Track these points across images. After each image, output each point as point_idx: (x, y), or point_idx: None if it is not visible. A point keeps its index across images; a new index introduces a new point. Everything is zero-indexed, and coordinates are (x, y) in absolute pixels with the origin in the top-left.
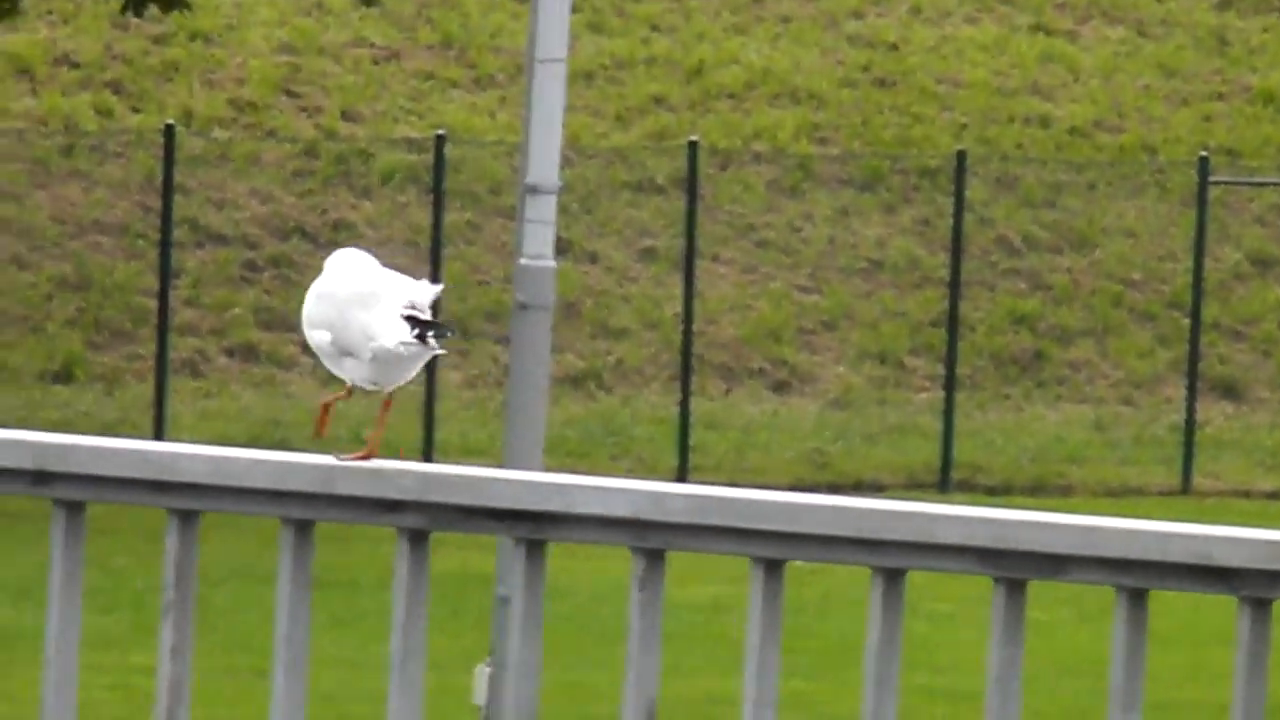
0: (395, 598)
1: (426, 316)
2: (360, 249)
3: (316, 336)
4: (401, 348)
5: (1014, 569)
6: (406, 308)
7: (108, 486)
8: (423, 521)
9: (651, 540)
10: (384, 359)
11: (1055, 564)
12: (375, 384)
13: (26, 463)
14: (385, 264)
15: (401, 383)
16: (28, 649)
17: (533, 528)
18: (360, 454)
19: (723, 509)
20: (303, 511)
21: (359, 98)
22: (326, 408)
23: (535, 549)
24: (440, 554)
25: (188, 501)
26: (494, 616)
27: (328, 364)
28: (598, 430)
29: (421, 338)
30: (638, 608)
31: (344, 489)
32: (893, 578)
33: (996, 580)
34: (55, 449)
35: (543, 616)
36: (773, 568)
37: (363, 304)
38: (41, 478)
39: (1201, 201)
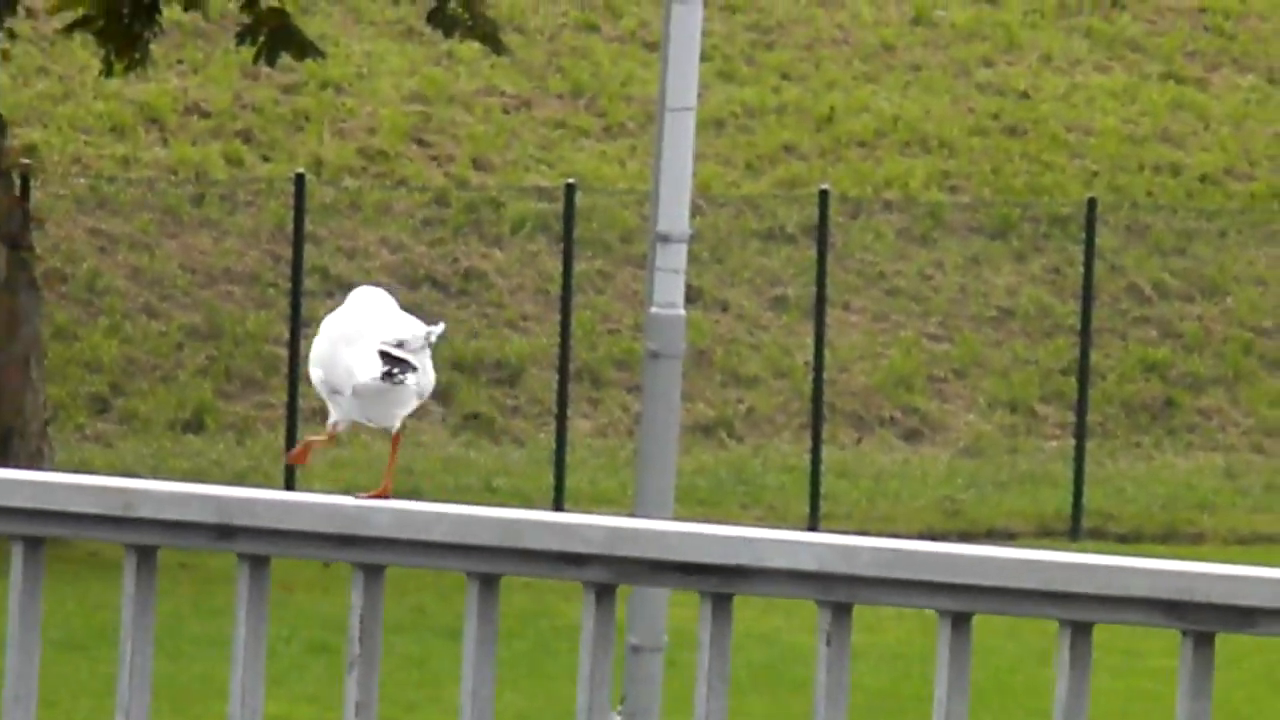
0: (582, 652)
1: (401, 353)
2: (377, 287)
3: (313, 374)
4: (371, 383)
5: (1202, 621)
6: (387, 344)
7: (292, 541)
8: (609, 575)
9: (838, 594)
10: (362, 395)
11: (1244, 617)
12: (369, 420)
13: (210, 517)
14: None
15: (393, 421)
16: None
17: (720, 582)
18: (376, 493)
19: (911, 562)
20: (488, 565)
21: (489, 146)
22: (308, 446)
23: (722, 603)
24: (573, 603)
25: (373, 555)
26: (625, 665)
27: (326, 401)
28: (728, 479)
29: (389, 375)
30: (825, 661)
31: (530, 543)
32: (1080, 631)
33: (1184, 633)
34: (239, 503)
35: (729, 670)
36: (960, 621)
37: (348, 341)
38: (225, 532)
39: None
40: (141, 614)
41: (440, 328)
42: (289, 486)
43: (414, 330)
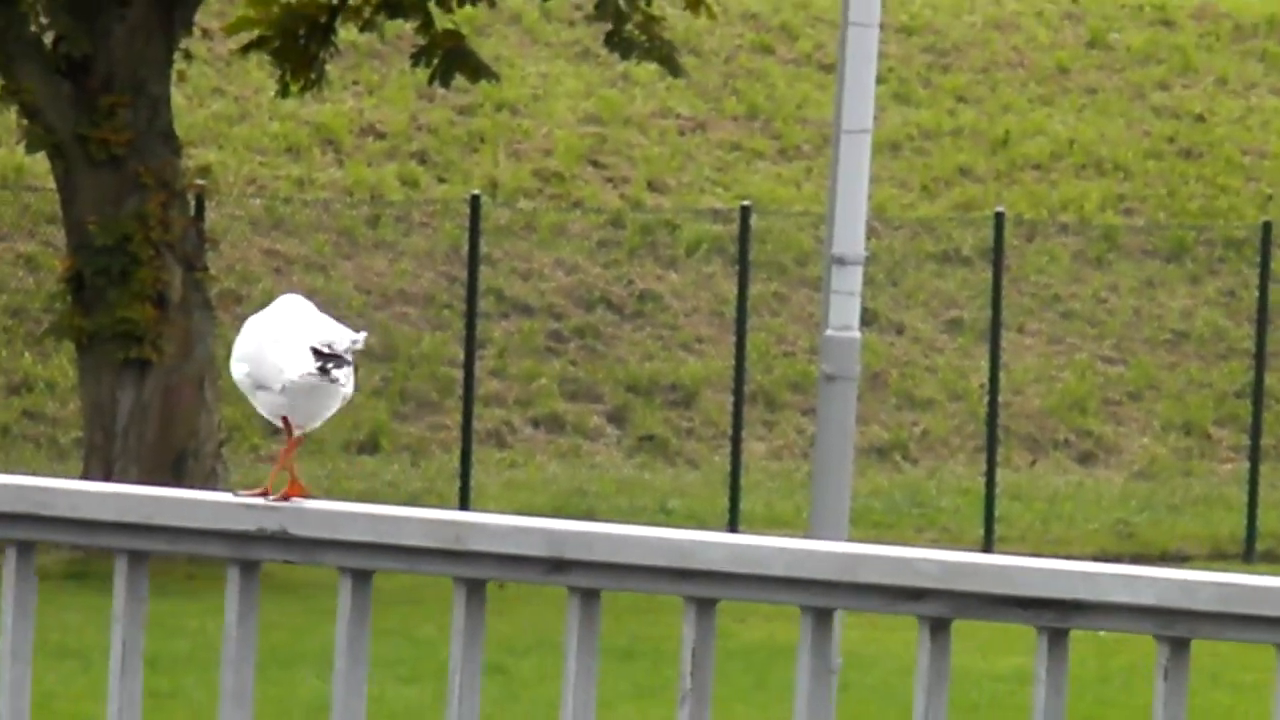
0: (916, 689)
1: (335, 351)
2: (300, 296)
3: (236, 370)
4: (304, 379)
5: None
6: (318, 343)
7: (625, 574)
8: (945, 610)
9: (1178, 629)
10: (292, 391)
11: None
12: (294, 420)
13: (542, 550)
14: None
15: (316, 422)
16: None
17: (1057, 616)
18: (257, 491)
19: (1255, 598)
20: (823, 600)
21: (664, 168)
22: (291, 479)
23: (1059, 638)
24: (750, 625)
25: (707, 589)
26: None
27: (250, 397)
28: (903, 501)
29: (324, 370)
30: (1161, 698)
31: (866, 577)
32: None
33: None
34: (573, 536)
35: (1065, 706)
36: None
37: (276, 339)
38: (558, 565)
39: None
40: (470, 647)
41: (363, 335)
42: (463, 507)
43: (341, 334)
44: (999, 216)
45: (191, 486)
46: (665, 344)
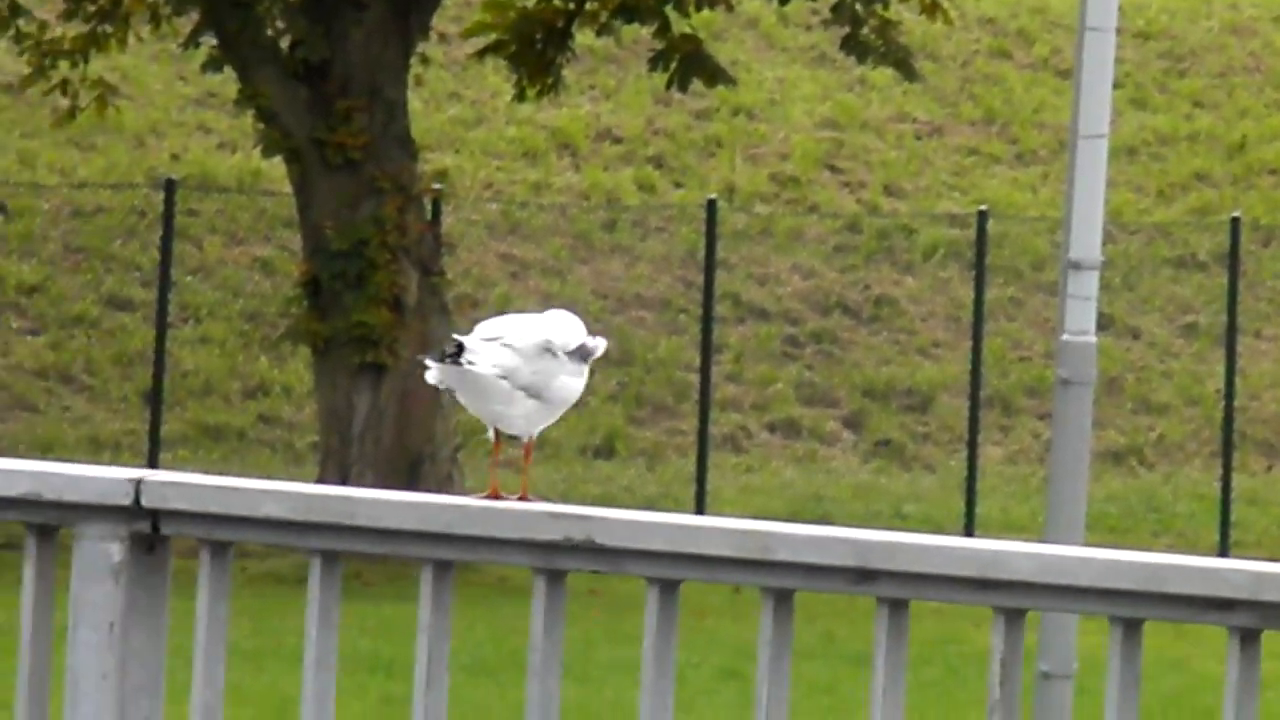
0: (1227, 700)
1: (469, 341)
2: (568, 312)
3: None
4: (438, 370)
5: None
6: (485, 337)
7: (931, 584)
8: (1254, 620)
9: None
10: (462, 387)
11: None
12: (484, 421)
13: (849, 560)
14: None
15: (486, 416)
16: None
17: None
18: (485, 494)
19: None
20: (1131, 610)
21: (901, 173)
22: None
23: None
24: (981, 629)
25: (1014, 600)
26: (1035, 692)
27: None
28: (1139, 506)
29: (444, 358)
30: None
31: (1173, 587)
32: None
33: None
34: (880, 547)
35: None
36: None
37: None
38: (865, 575)
39: None
40: (778, 659)
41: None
42: (699, 511)
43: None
44: (1235, 221)
45: (427, 490)
46: (901, 349)
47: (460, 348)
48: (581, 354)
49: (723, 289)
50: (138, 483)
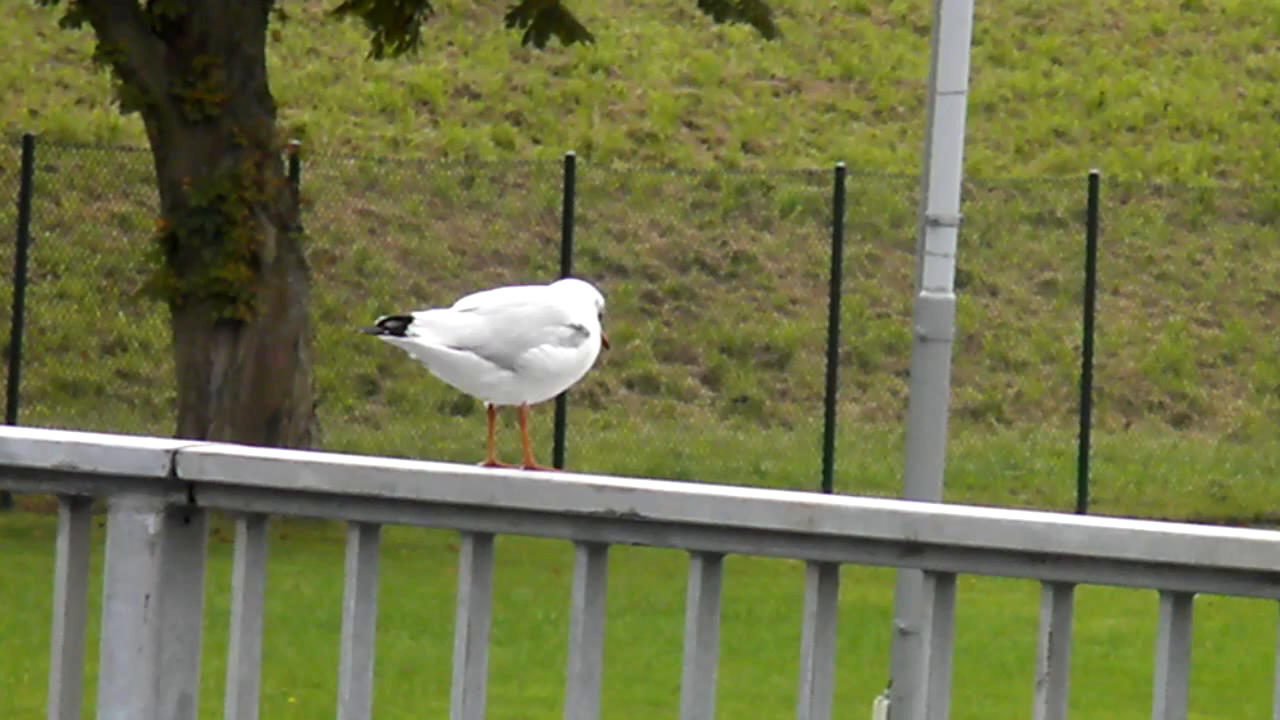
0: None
1: (408, 314)
2: (582, 280)
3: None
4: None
5: None
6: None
7: (980, 557)
8: None
9: None
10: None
11: None
12: (461, 388)
13: (896, 533)
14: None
15: (464, 388)
16: (426, 680)
17: None
18: (485, 462)
19: None
20: (1182, 583)
21: (759, 130)
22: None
23: None
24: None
25: (1064, 573)
26: (893, 649)
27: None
28: (997, 463)
29: (383, 328)
30: None
31: (1226, 560)
32: None
33: None
34: (927, 519)
35: None
36: None
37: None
38: (912, 548)
39: None
40: (824, 630)
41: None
42: (557, 466)
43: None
44: (1093, 179)
45: (285, 447)
46: (759, 305)
47: (406, 320)
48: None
49: (581, 245)
50: (174, 454)
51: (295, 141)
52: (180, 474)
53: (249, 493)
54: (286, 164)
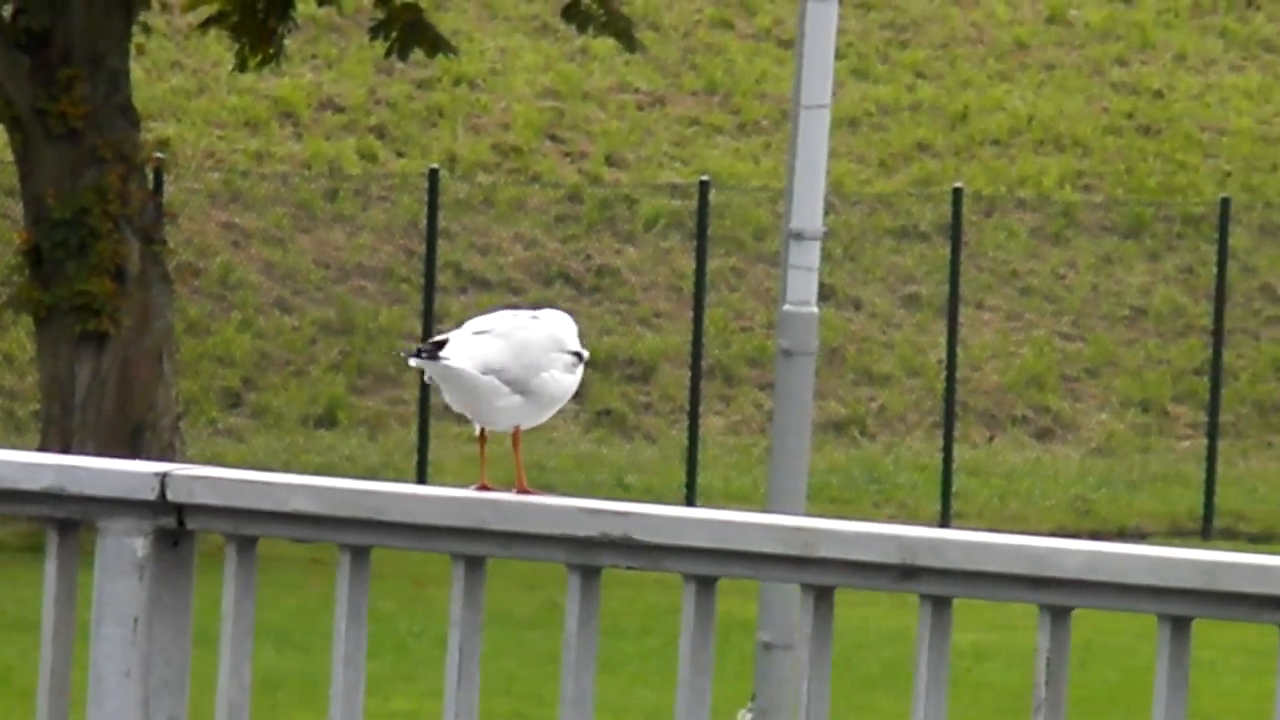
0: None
1: (438, 338)
2: (561, 314)
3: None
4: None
5: None
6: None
7: (978, 581)
8: None
9: None
10: (440, 380)
11: None
12: (472, 417)
13: (893, 558)
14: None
15: (471, 412)
16: (290, 694)
17: None
18: (477, 485)
19: None
20: (1184, 608)
21: (623, 143)
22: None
23: None
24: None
25: (1063, 598)
26: (756, 662)
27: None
28: (860, 477)
29: (419, 352)
30: None
31: (1227, 585)
32: None
33: None
34: (926, 544)
35: None
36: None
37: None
38: (910, 572)
39: None
40: (820, 653)
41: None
42: (421, 481)
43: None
44: (957, 192)
45: (148, 459)
46: (623, 319)
47: (439, 344)
48: (577, 355)
49: (444, 258)
50: (163, 477)
51: (160, 155)
52: (169, 497)
53: (239, 516)
54: (151, 177)
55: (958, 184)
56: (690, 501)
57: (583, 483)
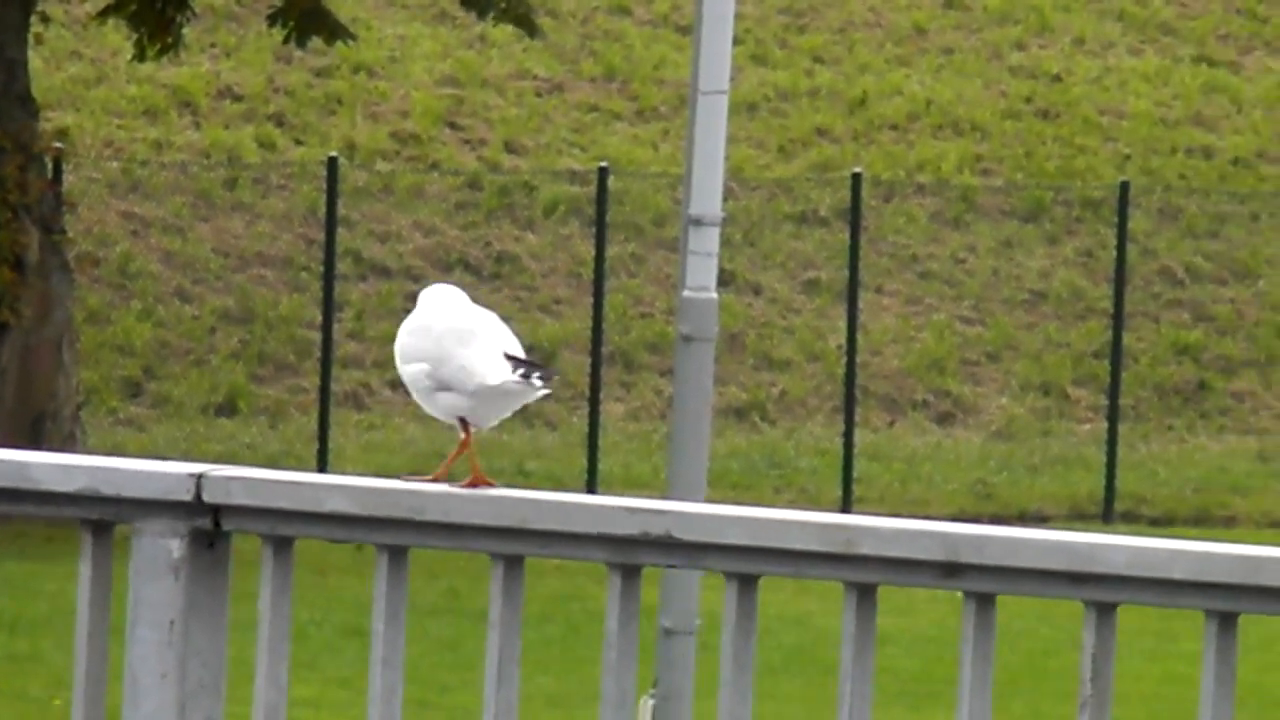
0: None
1: (524, 356)
2: (452, 286)
3: (412, 369)
4: (509, 384)
5: (1226, 602)
6: (509, 350)
7: (1021, 578)
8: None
9: None
10: (485, 396)
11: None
12: (473, 420)
13: (937, 554)
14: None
15: (495, 422)
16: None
17: None
18: (428, 478)
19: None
20: (1227, 603)
21: (522, 130)
22: (476, 472)
23: None
24: (602, 586)
25: (1107, 594)
26: (657, 648)
27: (421, 398)
28: (761, 462)
29: (526, 377)
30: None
31: (1270, 579)
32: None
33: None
34: (969, 540)
35: None
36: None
37: (460, 341)
38: (952, 570)
39: None
40: (862, 653)
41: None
42: (321, 469)
43: (517, 346)
44: (856, 177)
45: (49, 449)
46: (523, 305)
47: (534, 369)
48: None
49: (344, 246)
50: (199, 478)
51: (58, 144)
52: (205, 498)
53: (275, 516)
54: (50, 167)
55: (857, 169)
56: (591, 488)
57: (483, 469)
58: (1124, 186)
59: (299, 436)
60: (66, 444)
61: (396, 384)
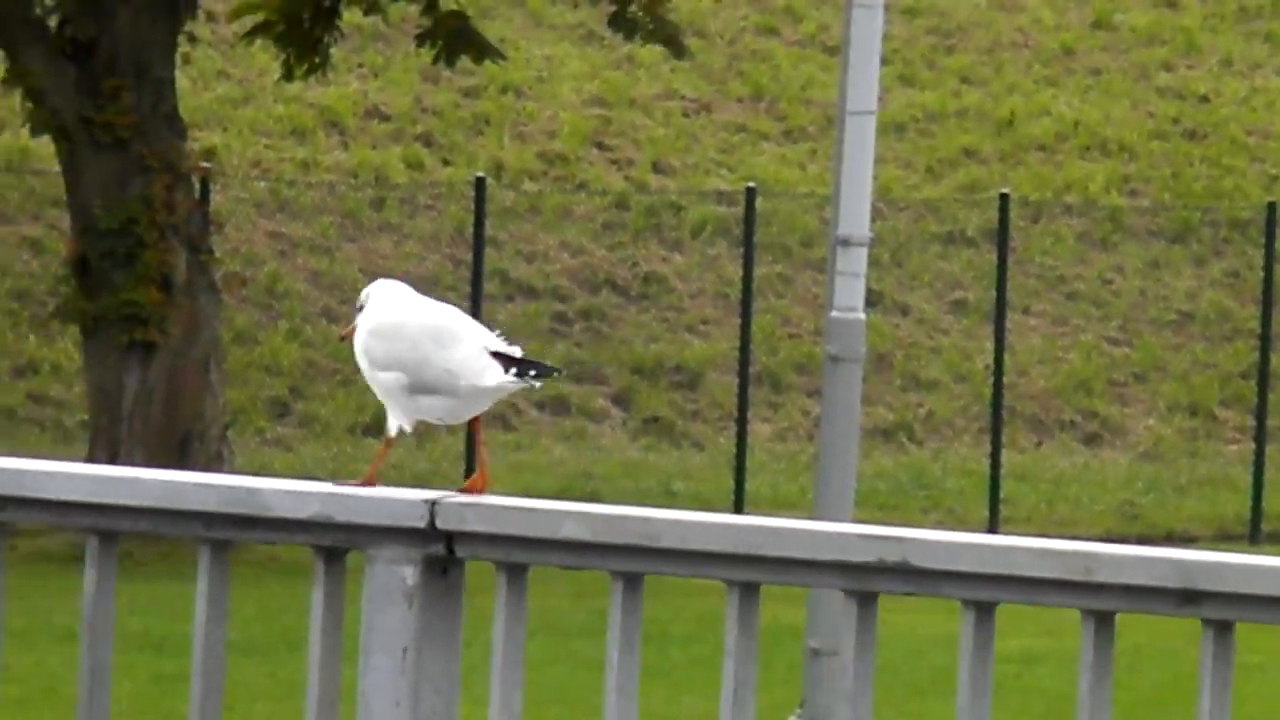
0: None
1: (516, 354)
2: (398, 280)
3: (387, 379)
4: (507, 386)
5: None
6: (493, 347)
7: (1260, 605)
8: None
9: None
10: (473, 397)
11: None
12: (449, 420)
13: (1173, 582)
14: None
15: (460, 416)
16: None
17: None
18: (358, 481)
19: None
20: None
21: (669, 150)
22: (374, 472)
23: None
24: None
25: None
26: (805, 669)
27: (395, 402)
28: (908, 483)
29: (521, 375)
30: None
31: None
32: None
33: None
34: (1206, 568)
35: None
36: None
37: (439, 342)
38: (1190, 597)
39: None
40: (1100, 680)
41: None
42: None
43: (496, 342)
44: (1004, 198)
45: (196, 469)
46: (670, 326)
47: (523, 366)
48: None
49: (491, 267)
50: (433, 504)
51: (206, 164)
52: (439, 525)
53: (509, 543)
54: (197, 186)
55: (1004, 189)
56: (738, 509)
57: (630, 490)
58: (1271, 207)
59: (445, 456)
60: (213, 464)
61: (544, 404)
